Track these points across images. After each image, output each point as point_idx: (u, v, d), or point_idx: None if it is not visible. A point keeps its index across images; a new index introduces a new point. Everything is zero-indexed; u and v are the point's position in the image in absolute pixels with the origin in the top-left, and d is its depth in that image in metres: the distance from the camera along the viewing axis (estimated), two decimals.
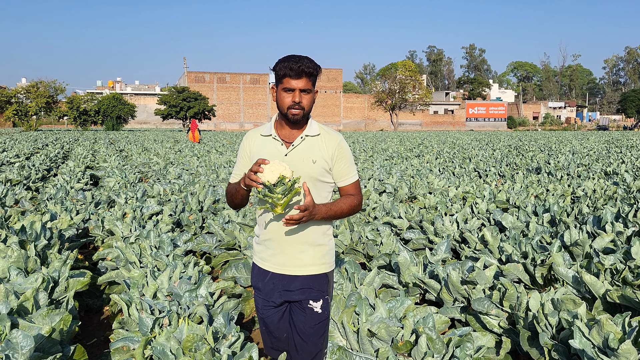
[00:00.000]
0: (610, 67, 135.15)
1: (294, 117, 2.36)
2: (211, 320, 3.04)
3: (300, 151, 2.44)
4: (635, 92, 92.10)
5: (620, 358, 2.45)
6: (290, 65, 2.30)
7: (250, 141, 2.54)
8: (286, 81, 2.34)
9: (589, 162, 14.14)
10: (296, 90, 2.33)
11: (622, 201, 7.45)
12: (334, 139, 2.52)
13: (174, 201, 7.17)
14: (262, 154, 2.44)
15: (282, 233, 2.44)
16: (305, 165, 2.42)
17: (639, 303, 3.27)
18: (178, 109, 60.59)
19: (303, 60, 2.33)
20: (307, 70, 2.32)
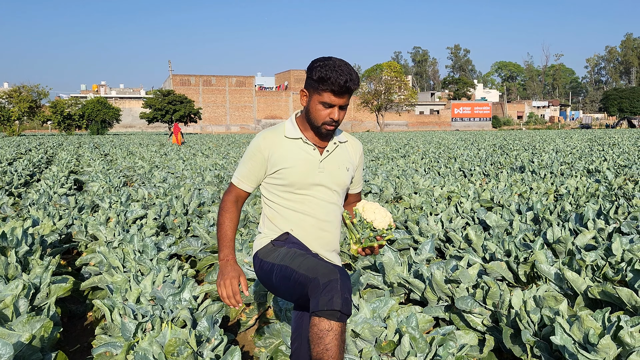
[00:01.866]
0: (592, 66, 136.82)
1: (327, 131, 2.26)
2: (195, 324, 3.03)
3: (336, 158, 2.37)
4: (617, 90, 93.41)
5: (600, 353, 2.48)
6: (337, 81, 2.11)
7: (271, 144, 2.31)
8: (327, 96, 2.17)
9: (572, 161, 14.29)
10: (335, 107, 2.20)
11: (603, 198, 7.54)
12: (358, 146, 2.49)
13: (159, 205, 7.13)
14: (291, 159, 2.28)
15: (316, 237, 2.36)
16: (340, 172, 2.36)
17: (618, 298, 3.31)
18: (163, 112, 60.31)
19: (350, 75, 2.14)
20: (353, 88, 2.18)
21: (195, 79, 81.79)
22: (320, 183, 2.33)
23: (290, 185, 2.31)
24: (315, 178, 2.32)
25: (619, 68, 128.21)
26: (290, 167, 2.29)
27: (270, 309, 3.99)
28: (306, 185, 2.31)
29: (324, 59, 2.19)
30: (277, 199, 2.35)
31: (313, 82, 2.18)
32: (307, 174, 2.30)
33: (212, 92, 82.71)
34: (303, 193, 2.32)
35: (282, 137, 2.32)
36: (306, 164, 2.30)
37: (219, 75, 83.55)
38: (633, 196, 7.36)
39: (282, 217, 2.36)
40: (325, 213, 2.35)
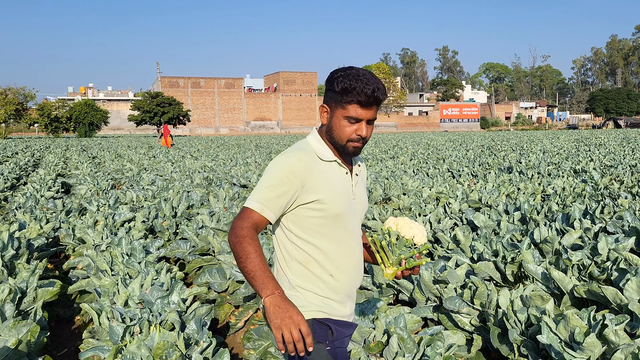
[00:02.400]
0: (578, 67, 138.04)
1: (355, 151, 1.95)
2: (183, 327, 3.02)
3: (361, 180, 2.12)
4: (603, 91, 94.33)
5: (586, 351, 2.51)
6: (364, 91, 1.84)
7: (307, 167, 1.92)
8: (353, 109, 1.88)
9: (559, 161, 14.41)
10: (363, 122, 1.91)
11: (590, 198, 7.61)
12: (364, 165, 2.20)
13: (147, 207, 7.10)
14: (330, 186, 1.94)
15: (354, 282, 2.05)
16: (365, 197, 2.13)
17: (604, 297, 3.35)
18: (152, 114, 59.97)
19: (377, 84, 1.87)
20: (382, 99, 1.90)
21: (184, 80, 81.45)
22: (355, 213, 2.04)
23: (331, 219, 1.95)
24: (352, 207, 2.02)
25: (605, 69, 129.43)
26: (330, 197, 1.94)
27: (259, 310, 3.99)
28: (345, 218, 1.98)
29: (345, 69, 1.92)
30: (311, 237, 1.94)
31: (335, 95, 1.90)
32: (346, 203, 1.98)
33: (201, 94, 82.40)
34: (341, 227, 1.98)
35: (317, 159, 1.96)
36: (344, 192, 1.99)
37: (207, 77, 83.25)
38: (619, 196, 7.43)
39: (319, 260, 1.95)
40: (360, 249, 2.07)
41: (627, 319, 2.71)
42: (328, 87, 1.94)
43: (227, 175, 11.86)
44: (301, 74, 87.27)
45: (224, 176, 11.73)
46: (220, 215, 6.16)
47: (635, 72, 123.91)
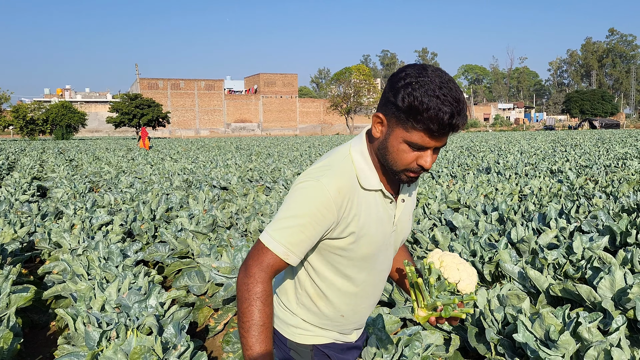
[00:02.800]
0: (554, 69, 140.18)
1: (409, 180, 1.52)
2: (161, 331, 3.00)
3: (408, 205, 1.69)
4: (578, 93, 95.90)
5: (560, 349, 2.55)
6: (439, 116, 1.35)
7: (347, 199, 1.49)
8: (419, 136, 1.40)
9: (536, 161, 14.60)
10: (429, 150, 1.44)
11: (565, 198, 7.73)
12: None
13: (125, 210, 7.03)
14: (368, 222, 1.55)
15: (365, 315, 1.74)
16: (409, 225, 1.72)
17: (578, 295, 3.41)
18: (131, 116, 59.45)
19: (458, 105, 1.37)
20: (461, 124, 1.41)
21: (163, 82, 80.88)
22: (390, 246, 1.67)
23: (358, 260, 1.59)
24: (388, 242, 1.64)
25: (580, 71, 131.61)
26: (362, 237, 1.55)
27: None
28: (375, 259, 1.63)
29: (416, 71, 1.40)
30: (330, 273, 1.60)
31: (398, 111, 1.40)
32: (381, 242, 1.61)
33: (181, 96, 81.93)
34: (369, 268, 1.63)
35: (358, 188, 1.53)
36: (382, 228, 1.59)
37: (187, 78, 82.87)
38: (593, 195, 7.56)
39: (332, 300, 1.63)
40: (382, 285, 1.73)
41: (600, 317, 2.76)
42: (389, 96, 1.42)
43: (207, 178, 11.79)
44: (282, 76, 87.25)
45: (204, 178, 11.66)
46: (199, 217, 6.12)
47: (609, 73, 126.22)
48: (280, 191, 8.87)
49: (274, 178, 11.53)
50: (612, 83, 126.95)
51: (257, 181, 11.22)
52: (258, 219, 6.00)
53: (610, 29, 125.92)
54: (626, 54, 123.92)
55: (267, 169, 13.96)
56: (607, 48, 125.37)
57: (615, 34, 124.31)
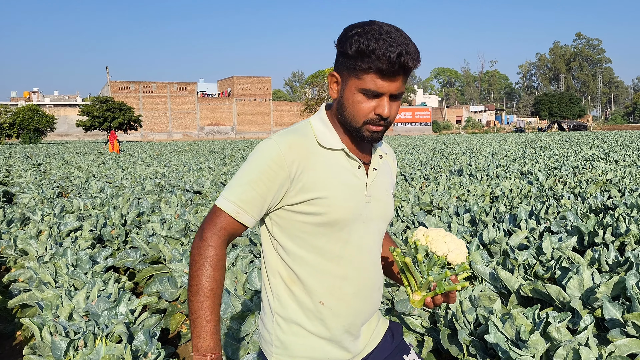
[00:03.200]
0: (524, 72, 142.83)
1: (372, 135, 1.46)
2: (131, 339, 2.94)
3: (382, 179, 1.60)
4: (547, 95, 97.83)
5: (530, 349, 2.58)
6: (386, 54, 1.33)
7: (301, 156, 1.45)
8: (371, 80, 1.38)
9: (507, 163, 14.83)
10: (384, 97, 1.41)
11: (535, 199, 7.86)
12: (394, 156, 1.73)
13: (95, 216, 6.90)
14: (332, 183, 1.46)
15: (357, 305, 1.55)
16: (388, 201, 1.61)
17: (548, 295, 3.46)
18: (102, 119, 58.56)
19: (406, 46, 1.36)
20: (412, 66, 1.39)
21: (135, 85, 79.86)
22: (369, 221, 1.54)
23: (329, 227, 1.47)
24: (363, 213, 1.52)
25: (549, 74, 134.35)
26: (330, 198, 1.45)
27: None
28: (351, 228, 1.50)
29: (363, 23, 1.42)
30: (299, 248, 1.49)
31: (348, 60, 1.40)
32: (354, 208, 1.49)
33: (153, 99, 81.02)
34: (343, 240, 1.50)
35: (316, 146, 1.49)
36: (353, 192, 1.49)
37: (159, 81, 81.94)
38: (562, 196, 7.70)
39: (305, 281, 1.49)
40: (374, 270, 1.58)
41: (569, 317, 2.80)
42: (340, 50, 1.43)
43: (180, 182, 11.67)
44: (255, 79, 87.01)
45: (177, 182, 11.54)
46: (171, 222, 6.05)
47: (576, 77, 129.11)
48: None
49: None
50: (579, 86, 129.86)
51: None
52: None
53: (577, 34, 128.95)
54: (592, 57, 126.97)
55: None
56: (574, 52, 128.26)
57: (582, 38, 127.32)
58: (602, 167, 12.51)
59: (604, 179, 9.90)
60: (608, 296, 3.26)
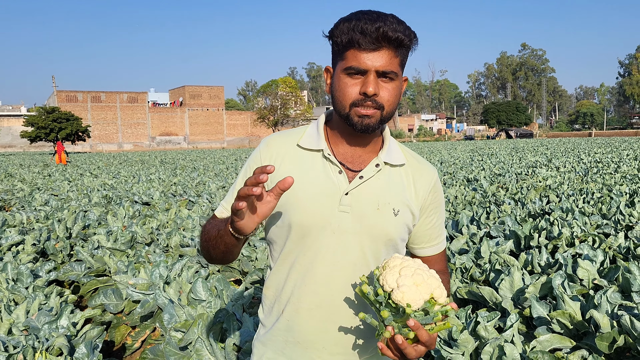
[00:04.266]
0: (473, 81, 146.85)
1: (363, 122, 1.33)
2: (72, 351, 2.94)
3: (374, 190, 1.41)
4: (495, 104, 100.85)
5: (460, 347, 2.73)
6: (361, 26, 1.27)
7: (277, 154, 1.45)
8: (352, 55, 1.30)
9: (454, 170, 15.26)
10: (370, 74, 1.30)
11: (479, 205, 8.15)
12: (428, 173, 1.49)
13: (39, 229, 6.75)
14: (302, 184, 1.39)
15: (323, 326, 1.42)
16: (382, 218, 1.40)
17: (482, 297, 3.64)
18: (48, 130, 56.71)
19: (385, 19, 1.28)
20: (394, 35, 1.28)
21: (83, 95, 77.77)
22: (340, 232, 1.39)
23: (292, 230, 1.40)
24: (331, 221, 1.38)
25: (496, 83, 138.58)
26: (292, 197, 1.39)
27: (156, 330, 3.95)
28: (319, 237, 1.39)
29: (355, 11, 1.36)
30: (275, 253, 1.48)
31: (334, 45, 1.35)
32: (323, 215, 1.38)
33: (102, 109, 79.06)
34: (312, 250, 1.40)
35: (294, 146, 1.45)
36: (320, 196, 1.38)
37: (109, 91, 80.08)
38: (503, 202, 8.02)
39: (274, 285, 1.47)
40: (344, 286, 1.39)
41: (497, 316, 2.97)
42: (330, 42, 1.38)
43: (129, 193, 11.49)
44: (208, 88, 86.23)
45: (125, 194, 11.36)
46: (118, 234, 5.99)
47: (523, 86, 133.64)
48: (203, 205, 8.80)
49: (199, 192, 11.41)
50: (525, 95, 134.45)
51: (181, 195, 11.06)
52: (180, 233, 5.94)
53: (523, 44, 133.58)
54: (537, 67, 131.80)
55: (192, 182, 13.77)
56: (520, 62, 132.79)
57: (527, 49, 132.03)
58: (544, 173, 13.05)
59: (544, 185, 10.34)
60: (536, 296, 3.46)
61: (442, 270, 1.51)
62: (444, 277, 1.45)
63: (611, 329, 2.97)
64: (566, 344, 2.91)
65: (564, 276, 3.63)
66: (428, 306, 1.16)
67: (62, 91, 76.61)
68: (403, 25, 1.30)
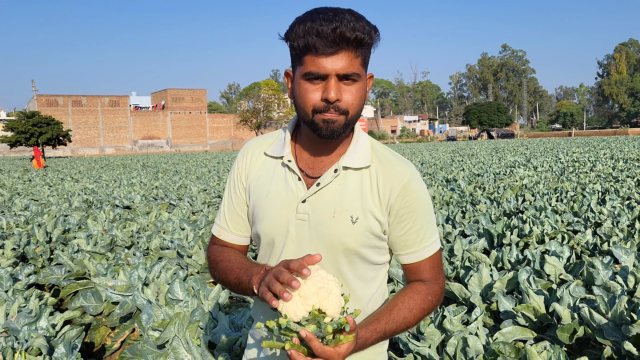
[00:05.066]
0: (454, 82, 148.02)
1: (328, 127, 1.28)
2: (51, 351, 3.00)
3: (331, 196, 1.36)
4: (476, 105, 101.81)
5: (427, 340, 2.85)
6: (317, 28, 1.20)
7: (248, 161, 1.46)
8: (310, 60, 1.24)
9: (434, 171, 15.46)
10: (331, 78, 1.24)
11: (456, 205, 8.31)
12: (397, 174, 1.38)
13: (19, 234, 6.76)
14: (264, 191, 1.40)
15: None
16: (336, 226, 1.34)
17: (452, 293, 3.77)
18: (28, 135, 56.08)
19: (342, 18, 1.21)
20: (352, 35, 1.21)
21: (64, 99, 77.03)
22: (299, 241, 1.37)
23: (259, 238, 1.44)
24: (290, 230, 1.37)
25: (478, 84, 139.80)
26: (257, 206, 1.42)
27: (135, 330, 4.02)
28: (280, 247, 1.40)
29: (312, 9, 1.29)
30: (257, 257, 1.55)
31: (292, 49, 1.29)
32: (277, 222, 1.39)
33: (83, 113, 78.39)
34: (267, 252, 1.45)
35: (261, 154, 1.46)
36: (279, 205, 1.38)
37: (90, 95, 79.41)
38: (479, 202, 8.19)
39: (256, 302, 1.51)
40: None
41: (464, 310, 3.10)
42: (288, 45, 1.31)
43: (110, 197, 11.49)
44: (190, 91, 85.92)
45: (106, 198, 11.36)
46: (98, 237, 6.03)
47: (504, 86, 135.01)
48: (184, 208, 8.86)
49: (180, 195, 11.45)
50: (506, 95, 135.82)
51: (162, 199, 11.09)
52: (160, 236, 6.00)
53: (503, 45, 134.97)
54: (518, 68, 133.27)
55: (174, 186, 13.79)
56: (500, 63, 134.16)
57: (508, 50, 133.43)
58: (521, 173, 13.29)
59: (520, 184, 10.55)
60: (503, 291, 3.60)
61: (430, 279, 1.42)
62: (426, 289, 1.40)
63: (572, 320, 3.11)
64: (528, 335, 3.05)
65: (530, 271, 3.77)
66: (319, 318, 1.11)
67: (42, 95, 75.82)
68: (362, 21, 1.24)
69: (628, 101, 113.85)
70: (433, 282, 1.42)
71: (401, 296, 1.39)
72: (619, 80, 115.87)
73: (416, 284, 1.41)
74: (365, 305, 1.41)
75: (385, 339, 1.35)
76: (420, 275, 1.42)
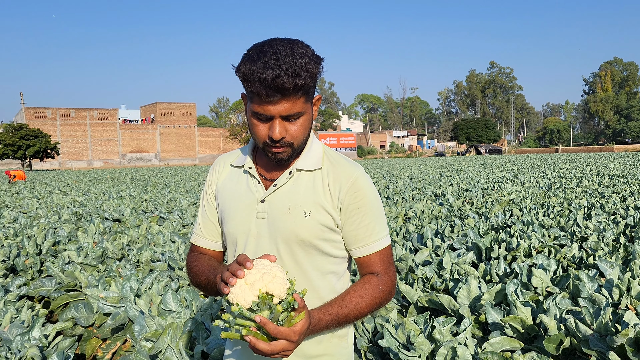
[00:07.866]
0: (443, 98, 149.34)
1: (276, 157, 1.45)
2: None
3: (286, 195, 1.52)
4: (465, 121, 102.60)
5: (417, 350, 2.91)
6: (262, 78, 1.29)
7: (217, 173, 1.65)
8: (257, 103, 1.36)
9: (423, 186, 15.58)
10: (275, 120, 1.38)
11: (445, 219, 8.40)
12: (345, 173, 1.52)
13: (8, 246, 6.74)
14: (230, 197, 1.59)
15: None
16: (291, 220, 1.49)
17: (441, 304, 3.83)
18: (15, 147, 55.78)
19: (283, 62, 1.30)
20: (291, 85, 1.31)
21: (52, 111, 76.68)
22: (259, 237, 1.53)
23: (227, 238, 1.62)
24: (251, 228, 1.54)
25: (466, 100, 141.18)
26: (224, 210, 1.60)
27: (127, 342, 4.03)
28: (239, 242, 1.57)
29: (259, 43, 1.39)
30: None
31: (243, 82, 1.38)
32: (241, 221, 1.55)
33: (72, 126, 78.04)
34: (233, 251, 1.60)
35: (229, 166, 1.65)
36: (242, 206, 1.55)
37: (78, 108, 79.12)
38: (467, 216, 8.29)
39: None
40: None
41: (453, 321, 3.16)
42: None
43: (99, 210, 11.47)
44: (179, 105, 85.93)
45: (95, 211, 11.33)
46: (88, 250, 6.03)
47: (491, 103, 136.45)
48: (174, 221, 8.87)
49: (169, 208, 11.45)
50: (494, 112, 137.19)
51: (152, 212, 11.08)
52: (150, 249, 6.02)
53: (491, 62, 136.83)
54: (505, 85, 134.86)
55: (163, 199, 13.78)
56: (488, 79, 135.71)
57: (495, 67, 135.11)
58: (509, 188, 13.44)
59: (508, 199, 10.68)
60: (491, 302, 3.67)
61: (380, 272, 1.54)
62: (377, 280, 1.52)
63: (558, 331, 3.18)
64: (516, 345, 3.12)
65: (517, 284, 3.85)
66: (268, 301, 1.20)
67: (31, 108, 75.44)
68: (301, 62, 1.32)
69: (614, 118, 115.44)
70: (384, 275, 1.55)
71: (354, 285, 1.52)
72: (604, 97, 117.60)
73: (368, 276, 1.55)
74: (326, 297, 1.52)
75: (340, 323, 1.44)
76: (372, 268, 1.55)
